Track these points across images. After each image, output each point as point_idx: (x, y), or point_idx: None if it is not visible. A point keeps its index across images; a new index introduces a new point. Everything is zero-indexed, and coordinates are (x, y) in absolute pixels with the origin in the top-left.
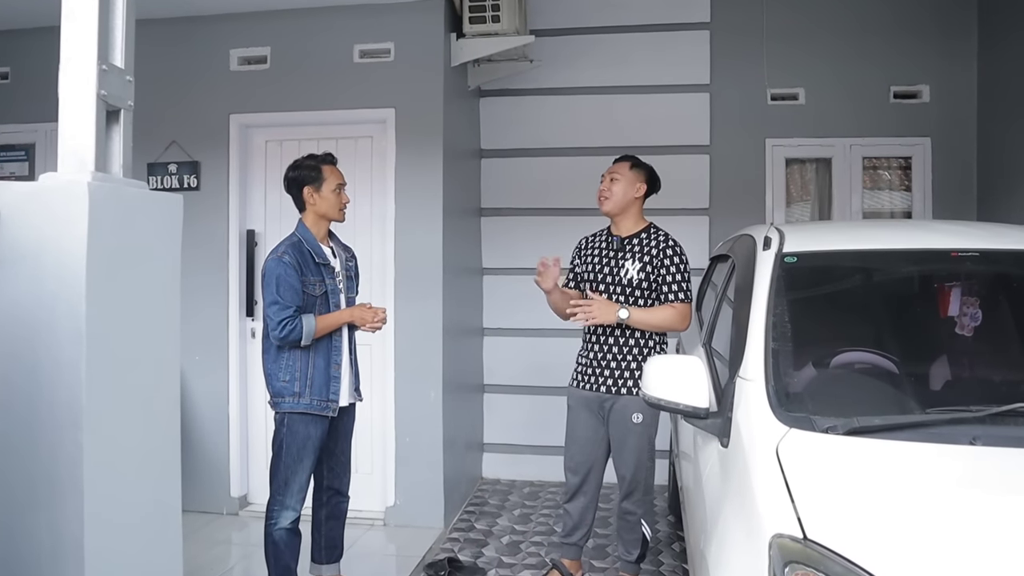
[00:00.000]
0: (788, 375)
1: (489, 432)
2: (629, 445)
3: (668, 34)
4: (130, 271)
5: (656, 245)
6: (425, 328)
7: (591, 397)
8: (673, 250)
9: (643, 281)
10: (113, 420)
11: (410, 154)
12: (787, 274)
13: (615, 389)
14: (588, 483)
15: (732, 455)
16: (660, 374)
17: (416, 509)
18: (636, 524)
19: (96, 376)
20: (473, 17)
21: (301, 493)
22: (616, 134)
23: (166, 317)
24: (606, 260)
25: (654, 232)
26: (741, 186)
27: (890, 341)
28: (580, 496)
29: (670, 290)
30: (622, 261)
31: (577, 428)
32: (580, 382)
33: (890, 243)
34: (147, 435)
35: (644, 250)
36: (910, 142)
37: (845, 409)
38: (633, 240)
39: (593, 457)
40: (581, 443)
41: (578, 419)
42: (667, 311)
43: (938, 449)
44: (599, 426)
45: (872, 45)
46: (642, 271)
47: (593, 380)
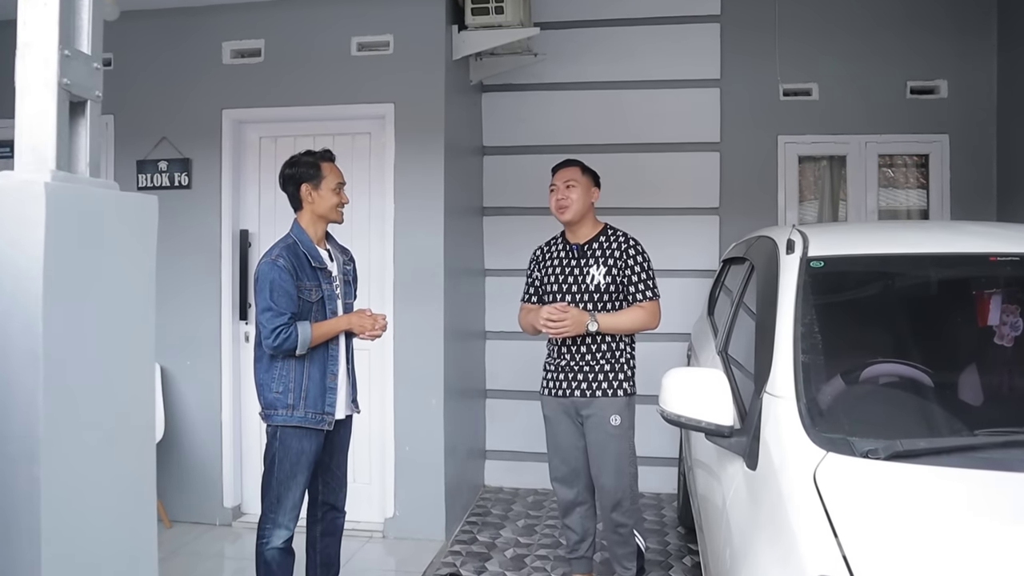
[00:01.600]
0: (820, 390)
1: (491, 439)
2: (609, 451)
3: (677, 27)
4: (97, 281)
5: (618, 247)
6: (426, 333)
7: (566, 403)
8: (635, 249)
9: (610, 285)
10: (76, 452)
11: (410, 151)
12: (814, 280)
13: (589, 392)
14: (581, 492)
15: (762, 480)
16: (679, 388)
17: (416, 521)
18: (629, 536)
19: (55, 403)
20: (475, 8)
21: (295, 511)
22: (623, 130)
23: (139, 332)
24: (568, 268)
25: (612, 234)
26: (752, 184)
27: (924, 352)
28: (577, 507)
29: (637, 290)
30: (586, 268)
31: (558, 437)
32: (552, 390)
33: (923, 247)
34: (117, 467)
35: (607, 254)
36: (927, 139)
37: (883, 429)
38: (593, 245)
39: (580, 464)
40: (564, 452)
41: (557, 428)
42: (636, 312)
43: (994, 477)
44: (579, 433)
45: (888, 39)
46: (608, 275)
47: (566, 386)
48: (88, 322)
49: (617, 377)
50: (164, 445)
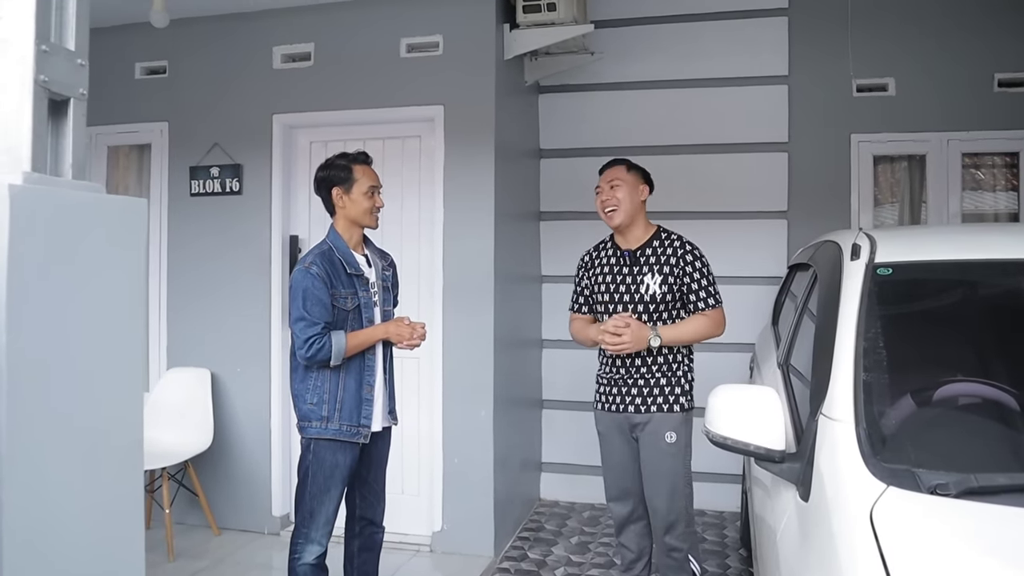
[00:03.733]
0: (883, 414)
1: (547, 450)
2: (663, 470)
3: (742, 22)
4: (72, 291)
5: (673, 253)
6: (475, 341)
7: (620, 419)
8: (692, 255)
9: (667, 295)
10: (46, 478)
11: (460, 154)
12: (880, 289)
13: (644, 408)
14: (636, 510)
15: (814, 514)
16: (727, 408)
17: (464, 535)
18: (684, 561)
19: (20, 424)
20: (527, 6)
21: (328, 526)
22: (686, 131)
23: (124, 342)
24: (621, 277)
25: (666, 237)
26: (823, 187)
27: (1006, 371)
28: (631, 525)
29: (698, 298)
30: (640, 276)
31: (612, 455)
32: (605, 404)
33: (1003, 252)
34: (95, 492)
35: (662, 260)
36: (1018, 135)
37: (956, 460)
38: (647, 251)
39: (634, 482)
40: (619, 470)
41: (611, 445)
42: (699, 321)
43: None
44: (633, 449)
45: (972, 28)
46: (664, 283)
47: (620, 401)
48: (61, 334)
49: (674, 392)
50: (213, 452)
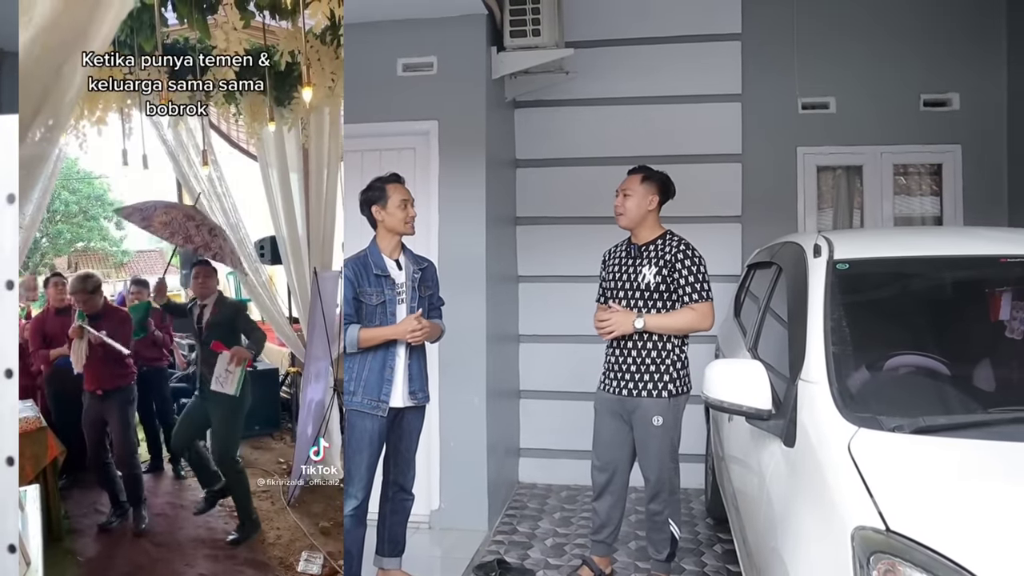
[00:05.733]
0: (849, 377)
1: (525, 437)
2: (652, 448)
3: (700, 45)
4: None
5: (670, 250)
6: (469, 335)
7: (614, 400)
8: (686, 253)
9: (660, 284)
10: None
11: (453, 165)
12: (840, 280)
13: (635, 393)
14: (614, 482)
15: (800, 454)
16: (723, 377)
17: (461, 512)
18: (664, 524)
19: None
20: (514, 31)
21: (362, 483)
22: (650, 144)
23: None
24: (625, 268)
25: (670, 238)
26: (773, 194)
27: (941, 345)
28: (607, 495)
29: (685, 292)
30: (639, 267)
31: (603, 431)
32: (604, 386)
33: (939, 250)
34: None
35: (660, 255)
36: (940, 149)
37: (906, 409)
38: (649, 247)
39: (618, 457)
40: (606, 444)
41: (603, 422)
42: (686, 313)
43: (1004, 446)
44: (624, 428)
45: (902, 54)
46: (658, 275)
47: (617, 384)
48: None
49: (663, 378)
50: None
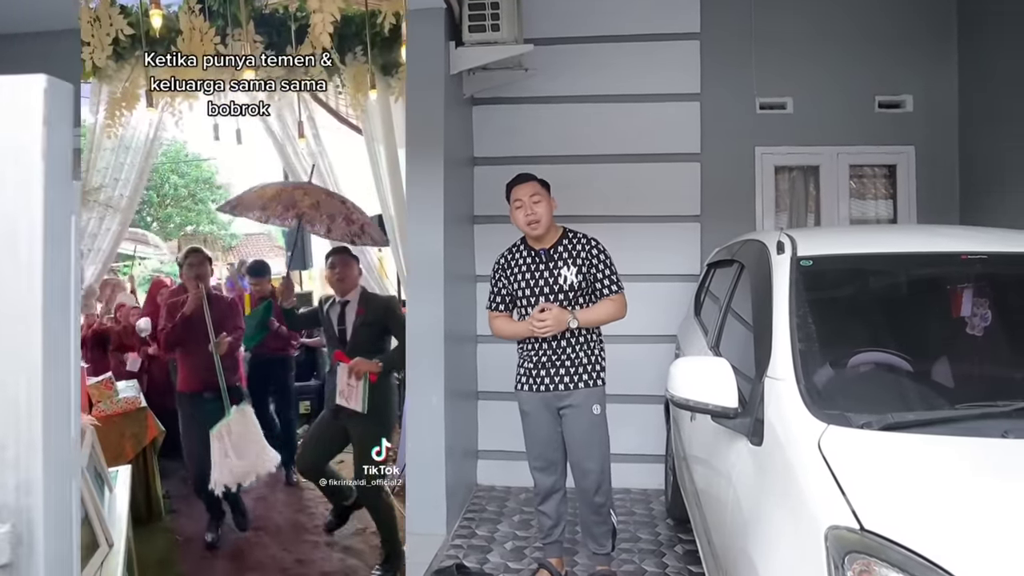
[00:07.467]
0: (815, 373)
1: (483, 439)
2: (593, 437)
3: (659, 44)
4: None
5: (583, 248)
6: (427, 334)
7: (548, 397)
8: (597, 248)
9: (581, 283)
10: None
11: (410, 162)
12: (804, 277)
13: (572, 385)
14: (558, 480)
15: (768, 453)
16: (688, 375)
17: (419, 516)
18: (607, 515)
19: None
20: (473, 26)
21: None
22: (609, 142)
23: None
24: (539, 272)
25: (573, 236)
26: (731, 193)
27: (904, 341)
28: (554, 495)
29: (603, 285)
30: (556, 269)
31: (540, 430)
32: (531, 385)
33: (901, 247)
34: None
35: (574, 255)
36: (894, 150)
37: (873, 406)
38: (559, 248)
39: (557, 454)
40: (545, 442)
41: (538, 420)
42: (607, 305)
43: (972, 442)
44: (556, 424)
45: (857, 56)
46: (579, 273)
47: (548, 380)
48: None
49: (595, 368)
50: None
